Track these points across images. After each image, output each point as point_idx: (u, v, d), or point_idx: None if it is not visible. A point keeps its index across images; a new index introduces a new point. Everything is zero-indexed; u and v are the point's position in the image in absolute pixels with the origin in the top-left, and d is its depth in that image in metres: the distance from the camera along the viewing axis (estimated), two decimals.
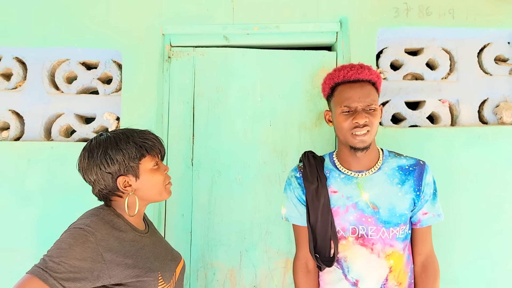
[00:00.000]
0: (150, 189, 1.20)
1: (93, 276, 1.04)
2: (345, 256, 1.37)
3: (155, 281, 1.17)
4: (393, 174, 1.38)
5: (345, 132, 1.33)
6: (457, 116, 1.89)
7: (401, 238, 1.36)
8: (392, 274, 1.35)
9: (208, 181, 1.89)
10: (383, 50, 1.93)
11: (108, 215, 1.16)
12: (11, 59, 1.95)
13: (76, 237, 1.05)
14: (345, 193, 1.38)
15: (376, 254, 1.34)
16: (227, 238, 1.87)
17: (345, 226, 1.37)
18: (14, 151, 1.86)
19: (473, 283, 1.77)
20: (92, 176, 1.15)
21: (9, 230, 1.84)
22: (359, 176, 1.39)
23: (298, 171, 1.48)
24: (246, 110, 1.90)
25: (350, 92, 1.32)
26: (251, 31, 1.89)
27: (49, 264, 1.00)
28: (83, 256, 1.03)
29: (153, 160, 1.20)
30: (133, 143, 1.17)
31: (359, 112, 1.30)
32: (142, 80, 1.87)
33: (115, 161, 1.14)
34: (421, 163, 1.40)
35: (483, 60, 1.90)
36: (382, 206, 1.34)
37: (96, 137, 1.20)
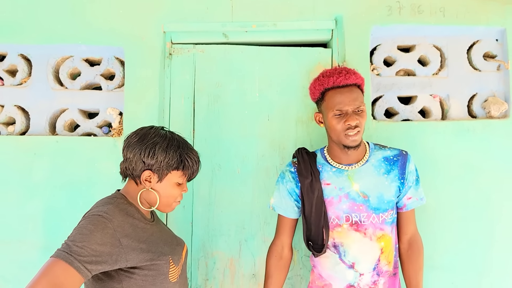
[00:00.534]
0: (162, 197, 1.28)
1: (112, 260, 1.11)
2: (341, 242, 1.50)
3: (167, 264, 1.27)
4: (380, 165, 1.52)
5: (338, 133, 1.45)
6: (448, 110, 1.97)
7: (389, 222, 1.51)
8: (384, 255, 1.50)
9: (208, 173, 1.96)
10: (376, 47, 2.00)
11: (122, 204, 1.24)
12: (16, 56, 2.00)
13: (96, 223, 1.12)
14: (337, 185, 1.51)
15: (369, 238, 1.48)
16: (227, 229, 1.94)
17: (339, 215, 1.50)
18: (20, 145, 1.92)
19: (461, 269, 1.86)
20: (130, 154, 1.25)
21: (17, 222, 1.90)
22: (349, 169, 1.52)
23: (292, 166, 1.60)
24: (244, 105, 1.97)
25: (340, 97, 1.43)
26: (250, 29, 1.96)
27: (73, 248, 1.06)
28: (103, 241, 1.10)
29: (181, 177, 1.30)
30: (179, 154, 1.26)
31: (350, 114, 1.42)
32: (144, 76, 1.93)
33: (155, 157, 1.23)
34: (404, 153, 1.56)
35: (473, 57, 1.98)
36: (371, 194, 1.49)
37: (157, 128, 1.31)
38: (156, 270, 1.23)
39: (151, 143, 1.24)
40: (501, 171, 1.88)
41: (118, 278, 1.18)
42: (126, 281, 1.19)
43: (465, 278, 1.85)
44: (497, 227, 1.87)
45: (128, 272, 1.18)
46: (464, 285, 1.85)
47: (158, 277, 1.24)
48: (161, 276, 1.25)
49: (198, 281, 1.93)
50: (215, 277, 1.93)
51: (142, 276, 1.20)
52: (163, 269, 1.25)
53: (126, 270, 1.18)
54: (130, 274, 1.19)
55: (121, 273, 1.18)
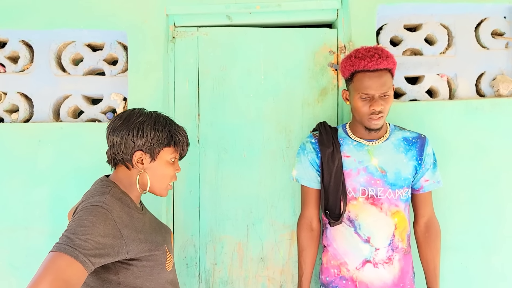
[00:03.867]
0: (157, 178, 1.24)
1: (114, 252, 1.07)
2: (356, 215, 1.53)
3: (164, 254, 1.24)
4: (399, 144, 1.57)
5: (362, 115, 1.49)
6: (455, 89, 1.95)
7: (404, 200, 1.55)
8: (397, 231, 1.52)
9: (214, 158, 1.94)
10: (382, 26, 1.97)
11: (117, 193, 1.19)
12: (17, 42, 1.98)
13: (97, 215, 1.07)
14: (357, 158, 1.55)
15: (384, 213, 1.51)
16: (234, 213, 1.93)
17: (356, 187, 1.53)
18: (24, 133, 1.91)
19: (471, 249, 1.85)
20: (117, 138, 1.19)
21: (23, 209, 1.89)
22: (369, 144, 1.56)
23: (313, 137, 1.64)
24: (250, 88, 1.95)
25: (369, 81, 1.44)
26: (254, 10, 1.93)
27: (77, 241, 1.00)
28: (106, 233, 1.06)
29: (173, 154, 1.26)
30: (168, 130, 1.23)
31: (376, 99, 1.45)
32: (148, 61, 1.91)
33: (145, 135, 1.19)
34: (422, 137, 1.60)
35: (480, 35, 1.95)
36: (389, 170, 1.53)
37: (139, 109, 1.26)
38: (154, 261, 1.21)
39: (138, 123, 1.20)
40: (511, 149, 1.86)
41: (114, 270, 1.14)
42: (123, 273, 1.15)
43: (475, 258, 1.84)
44: (507, 206, 1.85)
45: (125, 264, 1.15)
46: (474, 264, 1.84)
47: (155, 267, 1.21)
48: (159, 266, 1.22)
49: (207, 266, 1.92)
50: (223, 261, 1.92)
51: (140, 267, 1.17)
52: (161, 259, 1.23)
53: (123, 262, 1.14)
54: (127, 265, 1.15)
55: (118, 264, 1.14)
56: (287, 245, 1.93)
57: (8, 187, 1.89)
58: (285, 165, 1.92)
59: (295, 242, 1.91)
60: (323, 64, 1.94)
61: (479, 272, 1.85)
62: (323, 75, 1.94)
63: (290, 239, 1.93)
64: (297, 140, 1.92)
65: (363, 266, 1.53)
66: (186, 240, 1.93)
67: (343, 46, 1.92)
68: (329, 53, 1.94)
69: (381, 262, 1.51)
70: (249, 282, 1.92)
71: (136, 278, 1.17)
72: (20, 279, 1.89)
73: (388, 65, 1.45)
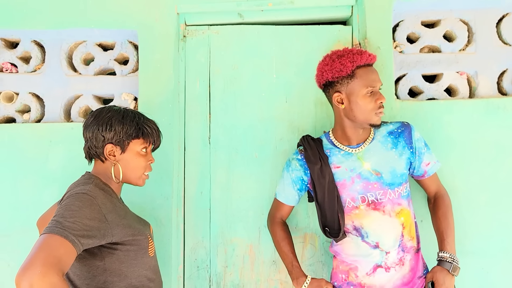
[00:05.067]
0: (130, 168, 1.32)
1: (100, 234, 1.15)
2: (361, 224, 1.48)
3: (146, 239, 1.32)
4: (386, 140, 1.53)
5: (369, 112, 1.44)
6: (476, 88, 1.87)
7: (405, 196, 1.51)
8: (406, 230, 1.48)
9: (225, 158, 1.91)
10: (399, 23, 1.91)
11: (99, 183, 1.27)
12: (29, 42, 1.98)
13: (83, 200, 1.15)
14: (348, 167, 1.50)
15: (388, 215, 1.46)
16: (245, 214, 1.90)
17: (354, 196, 1.48)
18: (36, 133, 1.90)
19: (492, 254, 1.77)
20: (89, 134, 1.29)
21: (33, 209, 1.88)
22: (357, 151, 1.52)
23: (299, 153, 1.60)
24: (261, 87, 1.91)
25: (372, 74, 1.45)
26: (266, 7, 1.89)
27: (65, 223, 1.07)
28: (92, 216, 1.14)
29: (143, 145, 1.33)
30: (135, 123, 1.31)
31: (379, 93, 1.45)
32: (158, 60, 1.89)
33: (113, 129, 1.27)
34: (406, 124, 1.56)
35: (502, 31, 1.87)
36: (384, 170, 1.49)
37: (110, 106, 1.35)
38: (137, 245, 1.28)
39: (106, 118, 1.28)
40: None
41: (100, 255, 1.22)
42: (109, 258, 1.23)
43: (496, 263, 1.76)
44: None
45: (110, 249, 1.22)
46: (495, 270, 1.76)
47: (139, 251, 1.29)
48: (142, 250, 1.30)
49: (218, 269, 1.89)
50: (234, 264, 1.89)
51: (124, 251, 1.25)
52: (143, 244, 1.31)
53: (108, 247, 1.22)
54: (112, 250, 1.23)
55: (104, 250, 1.21)
56: (300, 248, 1.87)
57: (19, 187, 1.89)
58: None
59: (308, 244, 1.86)
60: None
61: (501, 278, 1.77)
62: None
63: (303, 242, 1.88)
64: None
65: (374, 272, 1.47)
66: (196, 242, 1.90)
67: (358, 43, 1.86)
68: None
69: (393, 265, 1.46)
70: (260, 285, 1.88)
71: (121, 263, 1.25)
72: None
73: (375, 60, 1.50)
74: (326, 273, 1.84)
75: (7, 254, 1.88)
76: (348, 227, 1.50)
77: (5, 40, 2.01)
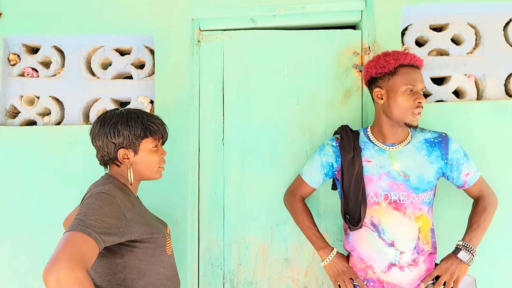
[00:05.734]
0: (145, 166, 1.36)
1: (120, 232, 1.19)
2: (379, 220, 1.52)
3: (164, 237, 1.36)
4: (421, 147, 1.56)
5: (406, 110, 1.48)
6: (483, 90, 1.91)
7: (427, 202, 1.54)
8: (422, 234, 1.51)
9: (238, 159, 1.97)
10: (407, 27, 1.96)
11: (118, 183, 1.31)
12: (49, 48, 2.06)
13: (103, 199, 1.20)
14: (378, 163, 1.54)
15: (408, 217, 1.50)
16: (258, 214, 1.95)
17: (378, 192, 1.52)
18: (56, 135, 1.98)
19: (500, 252, 1.80)
20: (99, 142, 1.32)
21: (55, 209, 1.96)
22: (391, 149, 1.56)
23: (335, 141, 1.65)
24: (273, 90, 1.97)
25: (415, 74, 1.49)
26: (277, 13, 1.94)
27: (88, 221, 1.12)
28: (112, 214, 1.18)
29: (153, 142, 1.36)
30: (141, 124, 1.33)
31: (420, 94, 1.48)
32: (174, 64, 1.95)
33: (121, 134, 1.30)
34: (444, 135, 1.58)
35: (509, 34, 1.91)
36: (412, 174, 1.52)
37: (111, 110, 1.37)
38: (155, 243, 1.32)
39: (111, 124, 1.30)
40: None
41: (120, 253, 1.26)
42: (128, 255, 1.26)
43: (504, 262, 1.80)
44: None
45: (130, 246, 1.26)
46: (503, 268, 1.80)
47: (157, 249, 1.32)
48: (160, 248, 1.33)
49: (231, 266, 1.95)
50: (247, 261, 1.94)
51: (143, 249, 1.28)
52: (161, 242, 1.34)
53: (128, 245, 1.26)
54: (131, 248, 1.26)
55: (123, 247, 1.25)
56: (311, 246, 1.92)
57: (41, 187, 1.96)
58: None
59: None
60: (347, 66, 1.94)
61: (508, 275, 1.80)
62: (347, 77, 1.94)
63: None
64: (321, 141, 1.92)
65: (389, 270, 1.52)
66: (211, 241, 1.96)
67: (368, 47, 1.91)
68: (353, 54, 1.93)
69: (406, 265, 1.50)
70: (273, 283, 1.93)
71: (140, 261, 1.28)
72: None
73: (421, 64, 1.54)
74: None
75: (29, 252, 1.96)
76: (366, 220, 1.55)
77: (26, 46, 2.09)
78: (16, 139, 1.98)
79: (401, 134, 1.56)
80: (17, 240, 1.96)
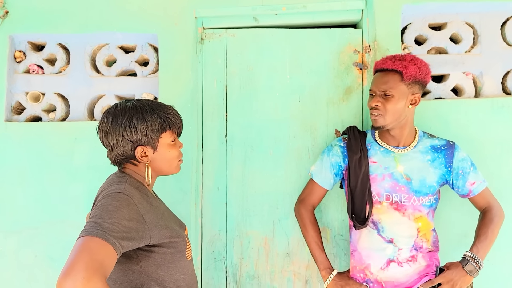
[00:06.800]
0: (165, 162, 1.25)
1: (138, 236, 1.08)
2: (379, 219, 1.57)
3: (184, 241, 1.25)
4: (426, 152, 1.60)
5: (371, 112, 1.58)
6: (481, 88, 1.95)
7: (427, 205, 1.57)
8: (421, 233, 1.56)
9: (241, 155, 2.00)
10: (407, 26, 2.00)
11: (133, 182, 1.19)
12: (55, 45, 2.09)
13: (120, 200, 1.08)
14: (383, 164, 1.58)
15: (407, 217, 1.55)
16: (260, 209, 1.99)
17: (380, 192, 1.56)
18: (61, 131, 2.01)
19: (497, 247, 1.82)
20: (113, 141, 1.18)
21: (61, 204, 1.99)
22: (396, 152, 1.60)
23: (342, 141, 1.69)
24: (275, 87, 2.00)
25: (378, 79, 1.56)
26: (280, 12, 1.98)
27: (105, 225, 1.00)
28: (130, 217, 1.07)
29: (172, 136, 1.25)
30: (158, 116, 1.20)
31: (375, 96, 1.55)
32: (177, 62, 1.99)
33: (138, 130, 1.17)
34: (451, 144, 1.61)
35: (507, 33, 1.95)
36: (414, 177, 1.56)
37: (121, 103, 1.23)
38: (174, 248, 1.21)
39: (126, 120, 1.17)
40: None
41: (136, 258, 1.15)
42: (145, 261, 1.16)
43: (500, 255, 1.84)
44: None
45: (147, 251, 1.15)
46: (500, 262, 1.84)
47: (176, 254, 1.21)
48: (179, 253, 1.23)
49: (234, 260, 1.98)
50: (250, 256, 1.98)
51: (161, 254, 1.18)
52: (181, 247, 1.23)
53: (145, 249, 1.15)
54: (149, 253, 1.16)
55: (140, 252, 1.15)
56: None
57: (46, 182, 1.99)
58: (310, 162, 1.96)
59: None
60: (348, 64, 1.97)
61: (505, 269, 1.84)
62: (348, 74, 1.97)
63: None
64: (322, 138, 1.97)
65: (388, 266, 1.55)
66: (214, 235, 2.00)
67: (368, 45, 1.95)
68: (353, 53, 1.97)
69: (405, 261, 1.54)
70: (275, 276, 1.97)
71: (158, 267, 1.17)
72: (57, 271, 1.96)
73: (395, 67, 1.50)
74: (338, 265, 1.92)
75: (35, 246, 1.99)
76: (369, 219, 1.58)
77: (32, 43, 2.12)
78: (21, 135, 2.01)
79: (408, 138, 1.60)
80: (23, 234, 2.00)
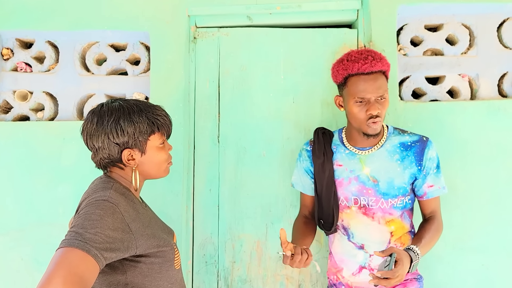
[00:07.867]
0: (153, 166, 1.19)
1: (124, 247, 1.02)
2: (348, 224, 1.52)
3: (172, 250, 1.19)
4: (394, 151, 1.48)
5: (360, 121, 1.41)
6: (477, 90, 1.93)
7: (399, 208, 1.48)
8: (394, 237, 1.49)
9: (234, 157, 1.96)
10: (403, 26, 1.97)
11: (119, 187, 1.13)
12: (43, 43, 2.03)
13: (104, 208, 1.02)
14: (348, 167, 1.52)
15: (377, 221, 1.48)
16: (253, 211, 1.95)
17: (348, 196, 1.51)
18: (50, 131, 1.96)
19: (492, 251, 1.82)
20: (98, 143, 1.12)
21: (48, 206, 1.94)
22: (361, 153, 1.51)
23: (309, 145, 1.64)
24: (269, 87, 1.97)
25: (364, 84, 1.38)
26: (274, 11, 1.95)
27: (86, 235, 0.94)
28: (115, 226, 1.01)
29: (161, 138, 1.19)
30: (146, 118, 1.14)
31: (372, 103, 1.38)
32: (169, 61, 1.94)
33: (125, 132, 1.10)
34: (424, 140, 1.48)
35: (503, 35, 1.93)
36: (381, 179, 1.47)
37: (107, 103, 1.15)
38: (162, 257, 1.15)
39: (112, 121, 1.10)
40: None
41: (122, 269, 1.09)
42: (131, 271, 1.09)
43: (496, 260, 1.82)
44: None
45: (133, 262, 1.09)
46: (495, 266, 1.82)
47: (164, 264, 1.16)
48: (167, 263, 1.17)
49: (226, 264, 1.94)
50: (242, 259, 1.94)
51: (148, 264, 1.12)
52: (169, 256, 1.17)
53: (131, 260, 1.08)
54: (135, 263, 1.09)
55: (126, 262, 1.08)
56: None
57: (34, 184, 1.94)
58: None
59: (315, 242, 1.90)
60: None
61: (500, 274, 1.82)
62: None
63: None
64: None
65: (360, 272, 1.51)
66: (205, 238, 1.96)
67: (363, 46, 1.92)
68: None
69: (377, 267, 1.45)
70: (267, 280, 1.93)
71: (145, 277, 1.11)
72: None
73: (382, 67, 1.39)
74: None
75: (21, 248, 1.94)
76: (338, 224, 1.54)
77: (20, 41, 2.07)
78: (8, 135, 1.96)
79: (372, 139, 1.48)
80: (9, 237, 1.94)
